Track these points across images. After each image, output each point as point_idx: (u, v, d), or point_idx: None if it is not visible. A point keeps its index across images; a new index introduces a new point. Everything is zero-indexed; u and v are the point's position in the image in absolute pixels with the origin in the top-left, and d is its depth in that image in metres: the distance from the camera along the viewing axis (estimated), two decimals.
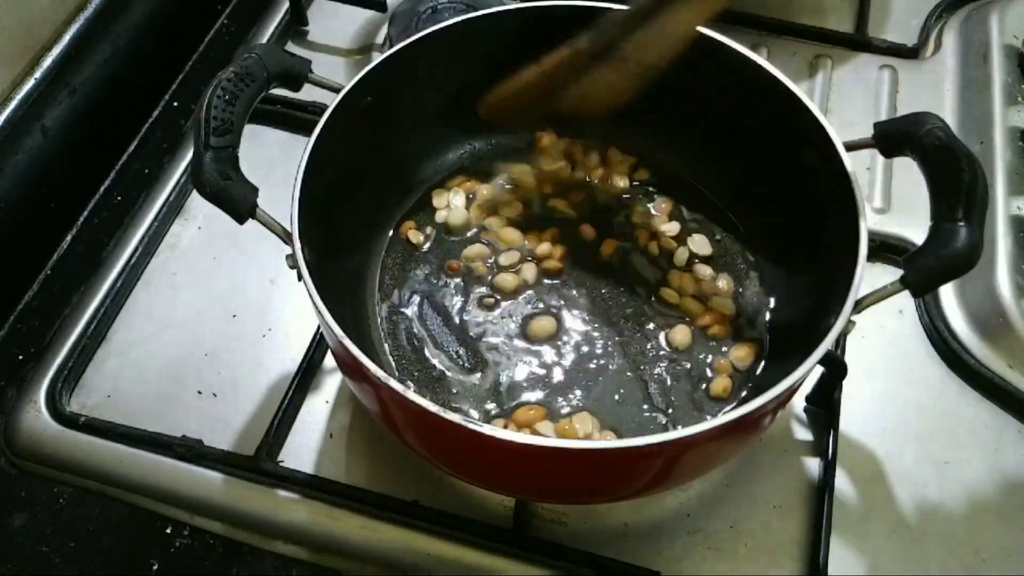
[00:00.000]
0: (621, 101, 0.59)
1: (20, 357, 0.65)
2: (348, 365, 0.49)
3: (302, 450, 0.60)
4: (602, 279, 0.63)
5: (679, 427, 0.44)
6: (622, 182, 0.67)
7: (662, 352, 0.60)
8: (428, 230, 0.65)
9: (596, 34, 0.57)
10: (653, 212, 0.66)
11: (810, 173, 0.56)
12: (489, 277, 0.63)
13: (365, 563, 0.57)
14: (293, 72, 0.55)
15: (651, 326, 0.61)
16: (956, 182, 0.47)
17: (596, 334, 0.60)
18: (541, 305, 0.62)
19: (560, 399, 0.58)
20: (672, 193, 0.67)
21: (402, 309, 0.62)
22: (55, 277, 0.69)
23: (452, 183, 0.67)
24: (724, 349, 0.59)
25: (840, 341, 0.63)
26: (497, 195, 0.67)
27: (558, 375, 0.59)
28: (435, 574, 0.56)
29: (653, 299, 0.62)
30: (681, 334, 0.60)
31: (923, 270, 0.48)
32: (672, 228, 0.65)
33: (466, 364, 0.59)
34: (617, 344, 0.60)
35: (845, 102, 0.78)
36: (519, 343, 0.60)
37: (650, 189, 0.67)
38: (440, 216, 0.66)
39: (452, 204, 0.66)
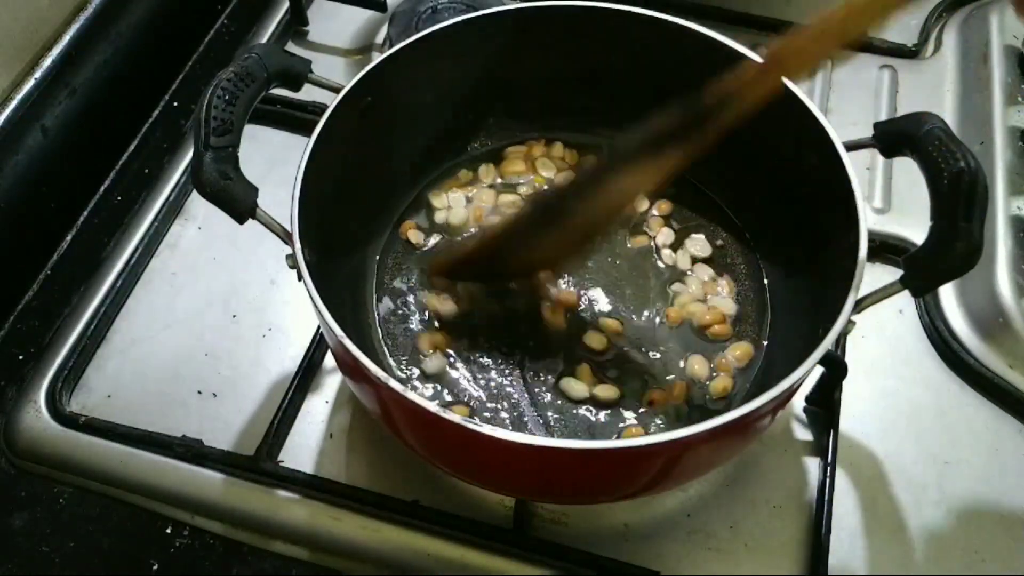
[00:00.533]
0: (570, 260, 0.60)
1: (20, 357, 0.65)
2: (348, 365, 0.49)
3: (302, 450, 0.60)
4: (602, 278, 0.63)
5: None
6: None
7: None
8: (428, 230, 0.65)
9: (540, 198, 0.56)
10: (653, 212, 0.66)
11: (810, 173, 0.56)
12: None
13: (365, 563, 0.57)
14: (293, 72, 0.55)
15: (651, 326, 0.61)
16: (956, 182, 0.47)
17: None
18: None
19: None
20: (672, 194, 0.66)
21: (402, 309, 0.62)
22: (55, 277, 0.69)
23: (452, 183, 0.67)
24: (724, 349, 0.59)
25: (840, 341, 0.63)
26: (497, 195, 0.67)
27: None
28: (435, 574, 0.56)
29: (652, 298, 0.62)
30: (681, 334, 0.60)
31: (923, 270, 0.48)
32: (672, 229, 0.65)
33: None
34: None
35: (845, 102, 0.78)
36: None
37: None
38: (440, 216, 0.66)
39: (452, 204, 0.66)
